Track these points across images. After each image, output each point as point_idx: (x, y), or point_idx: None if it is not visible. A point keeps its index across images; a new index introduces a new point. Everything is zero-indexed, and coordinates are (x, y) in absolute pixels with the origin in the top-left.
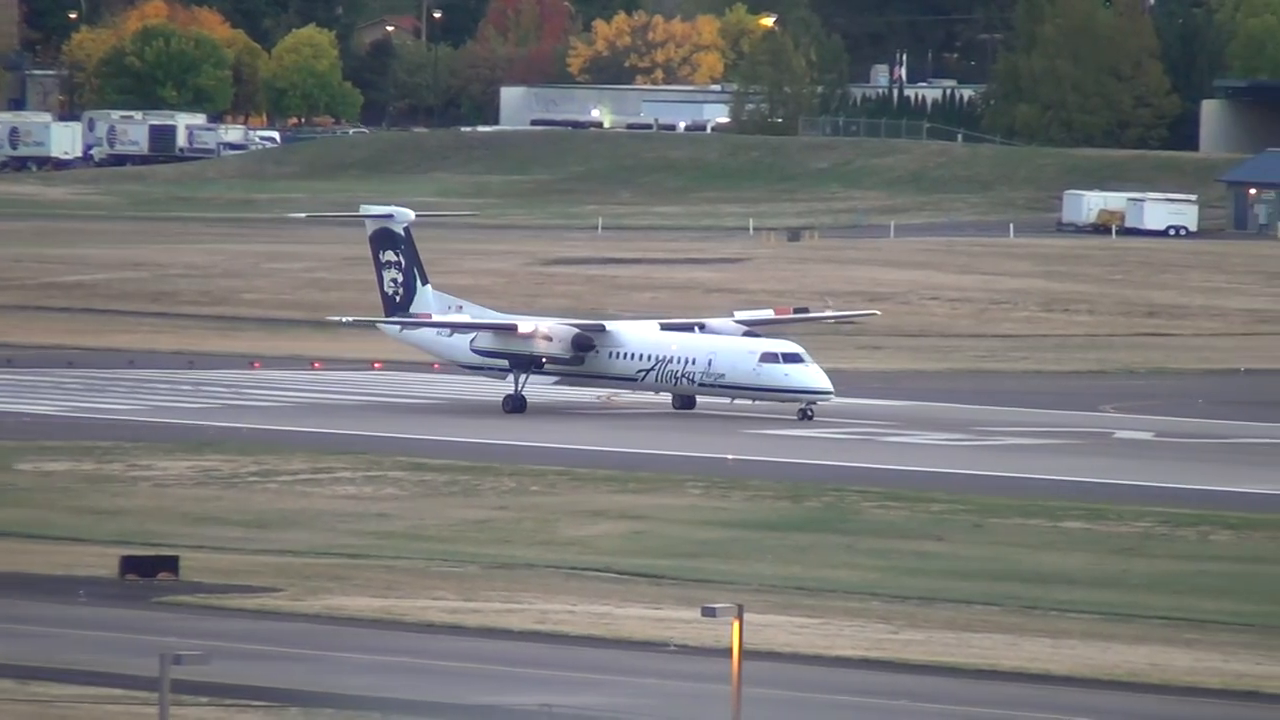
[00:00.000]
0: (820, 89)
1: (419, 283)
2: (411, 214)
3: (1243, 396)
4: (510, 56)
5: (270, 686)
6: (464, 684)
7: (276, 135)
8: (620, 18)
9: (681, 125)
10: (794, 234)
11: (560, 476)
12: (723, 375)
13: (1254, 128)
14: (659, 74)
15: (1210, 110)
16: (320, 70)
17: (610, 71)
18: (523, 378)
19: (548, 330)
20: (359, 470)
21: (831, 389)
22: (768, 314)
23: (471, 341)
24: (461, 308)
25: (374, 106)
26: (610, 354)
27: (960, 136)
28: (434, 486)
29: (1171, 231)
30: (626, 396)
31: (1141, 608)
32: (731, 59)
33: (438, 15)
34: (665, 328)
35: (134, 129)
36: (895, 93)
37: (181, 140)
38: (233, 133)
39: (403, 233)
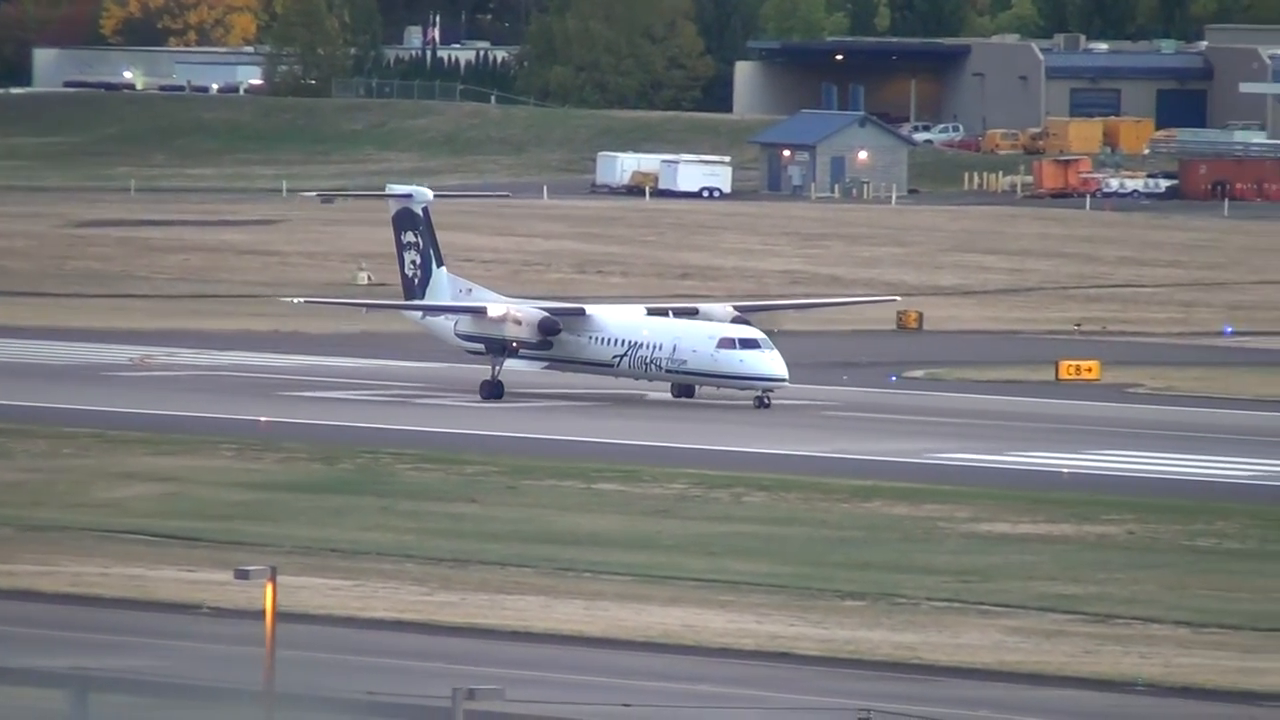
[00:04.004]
0: (354, 50)
1: (434, 264)
2: (430, 194)
3: None
4: (43, 18)
5: None
6: None
7: None
8: None
9: (215, 87)
10: (327, 196)
11: (93, 439)
12: (684, 361)
13: (787, 89)
14: (192, 36)
15: (743, 72)
16: None
17: (143, 33)
18: (499, 363)
19: (517, 314)
20: None
21: (786, 376)
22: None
23: (455, 326)
24: (471, 291)
25: None
26: (589, 339)
27: (494, 98)
28: None
29: (705, 193)
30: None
31: (676, 569)
32: (264, 20)
33: None
34: (652, 312)
35: None
36: (429, 54)
37: None
38: None
39: (421, 213)
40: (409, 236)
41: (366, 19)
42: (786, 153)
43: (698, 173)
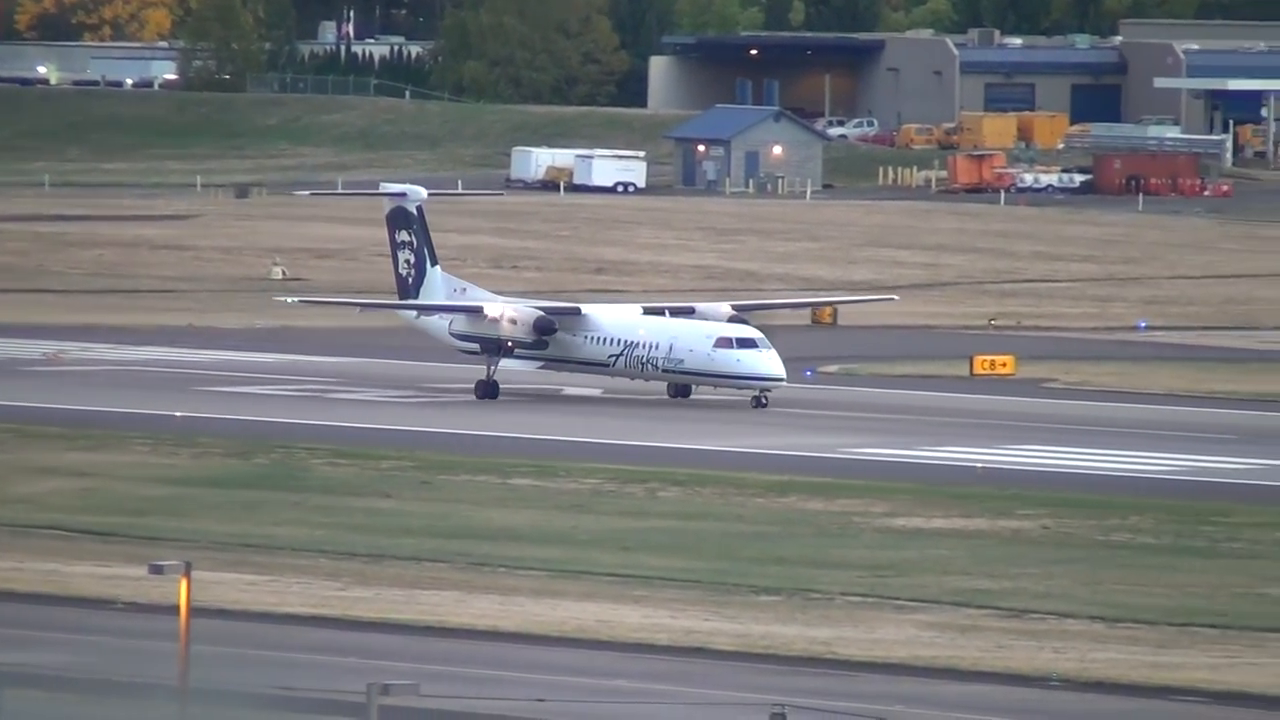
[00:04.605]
0: (268, 46)
1: (428, 264)
2: (424, 192)
3: None
4: None
5: None
6: None
7: None
8: None
9: (129, 82)
10: (242, 191)
11: (8, 434)
12: (681, 361)
13: (702, 84)
14: (107, 31)
15: (658, 67)
16: None
17: (58, 28)
18: (494, 362)
19: (513, 313)
20: None
21: (784, 376)
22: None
23: (450, 325)
24: (465, 290)
25: None
26: (585, 338)
27: (408, 93)
28: None
29: (620, 188)
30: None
31: (590, 564)
32: (179, 16)
33: None
34: (648, 311)
35: None
36: (343, 49)
37: None
38: None
39: (415, 211)
40: (403, 235)
41: (281, 14)
42: (701, 148)
43: (612, 168)
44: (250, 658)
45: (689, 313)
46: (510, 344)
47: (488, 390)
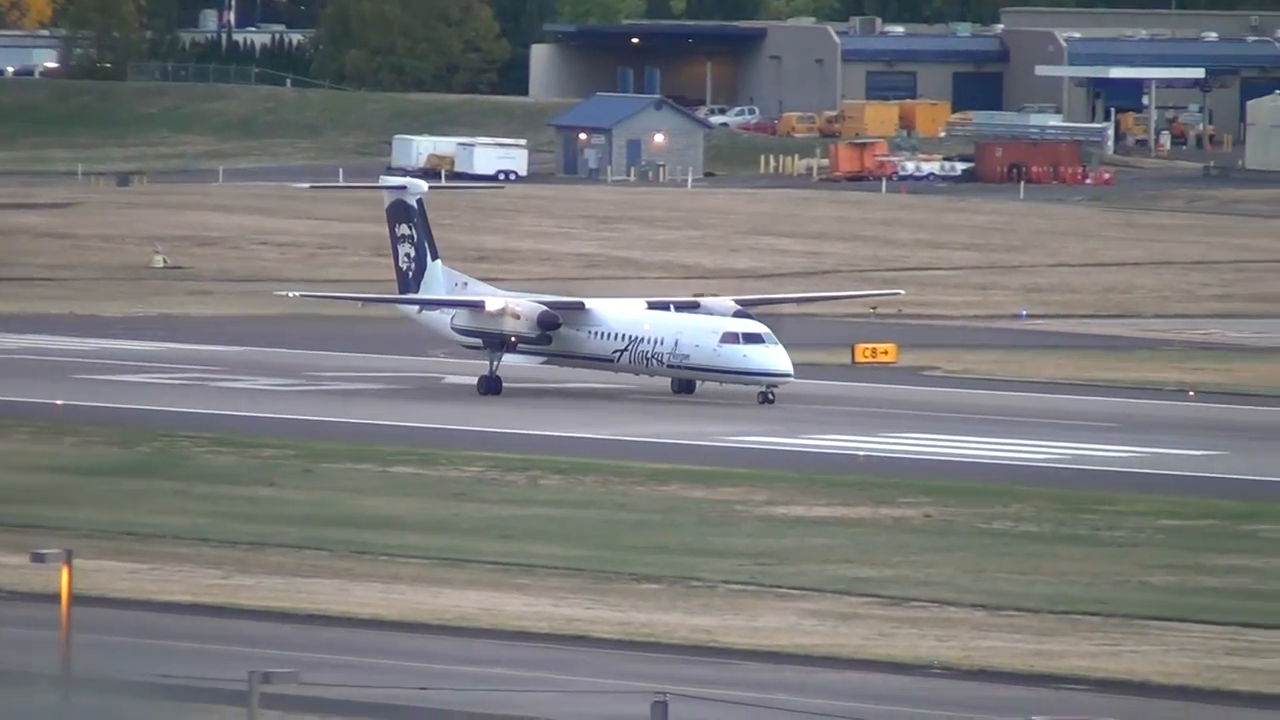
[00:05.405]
0: (149, 34)
1: (429, 258)
2: (425, 185)
3: None
4: None
5: None
6: None
7: None
8: None
9: (10, 70)
10: (123, 179)
11: None
12: (687, 356)
13: (583, 72)
14: None
15: (540, 55)
16: None
17: None
18: (497, 358)
19: (516, 308)
20: None
21: (791, 371)
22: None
23: (452, 320)
24: (466, 285)
25: None
26: (589, 333)
27: (289, 82)
28: None
29: (501, 176)
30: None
31: (472, 552)
32: (60, 3)
33: None
34: (653, 306)
35: None
36: (224, 38)
37: None
38: None
39: (416, 205)
40: (403, 229)
41: (162, 2)
42: (583, 136)
43: (493, 156)
44: (132, 646)
45: (693, 307)
46: (513, 339)
47: (490, 386)
